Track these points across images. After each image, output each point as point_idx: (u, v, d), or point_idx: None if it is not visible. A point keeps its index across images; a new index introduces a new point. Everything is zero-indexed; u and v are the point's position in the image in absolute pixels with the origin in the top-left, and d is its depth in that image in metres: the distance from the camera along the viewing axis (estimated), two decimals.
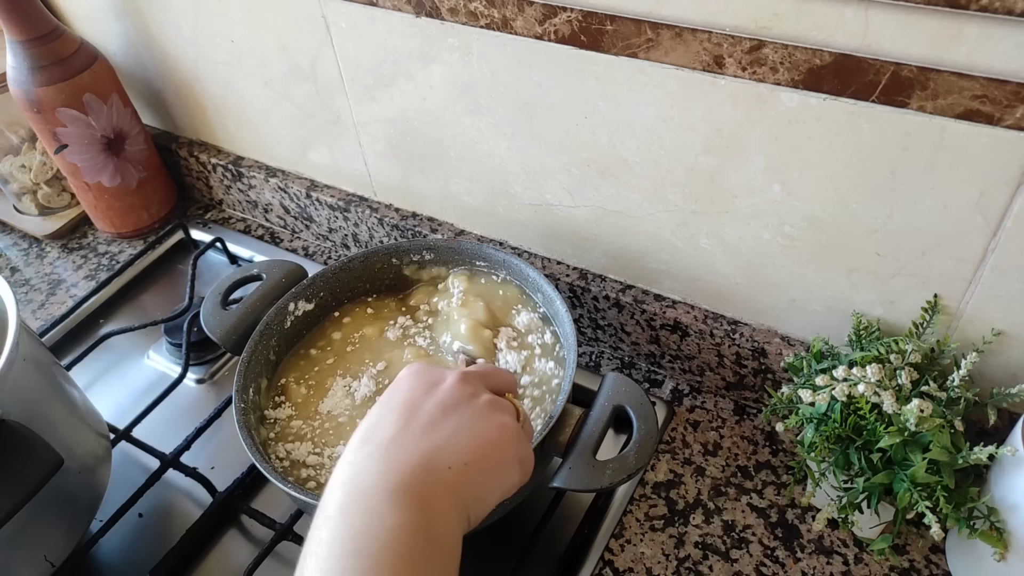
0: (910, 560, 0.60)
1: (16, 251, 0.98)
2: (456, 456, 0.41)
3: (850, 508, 0.56)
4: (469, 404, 0.45)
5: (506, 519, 0.59)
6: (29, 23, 0.80)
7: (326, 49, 0.73)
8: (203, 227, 0.98)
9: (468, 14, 0.61)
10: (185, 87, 0.90)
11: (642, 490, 0.66)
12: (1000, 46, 0.44)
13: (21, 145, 0.96)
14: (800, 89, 0.51)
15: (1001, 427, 0.57)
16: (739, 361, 0.69)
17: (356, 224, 0.87)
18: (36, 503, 0.52)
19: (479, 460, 0.42)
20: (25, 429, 0.53)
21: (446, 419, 0.43)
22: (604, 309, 0.74)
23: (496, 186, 0.74)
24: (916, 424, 0.51)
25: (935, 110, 0.48)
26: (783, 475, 0.67)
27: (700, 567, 0.61)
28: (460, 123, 0.70)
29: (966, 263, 0.54)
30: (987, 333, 0.56)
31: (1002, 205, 0.50)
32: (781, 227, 0.60)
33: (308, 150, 0.86)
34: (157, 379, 0.81)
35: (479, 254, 0.71)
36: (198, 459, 0.70)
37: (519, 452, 0.45)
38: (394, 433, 0.42)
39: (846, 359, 0.58)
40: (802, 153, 0.55)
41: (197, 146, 0.97)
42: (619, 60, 0.57)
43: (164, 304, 0.90)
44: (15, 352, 0.54)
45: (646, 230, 0.67)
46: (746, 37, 0.51)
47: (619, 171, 0.64)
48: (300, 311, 0.69)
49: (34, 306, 0.90)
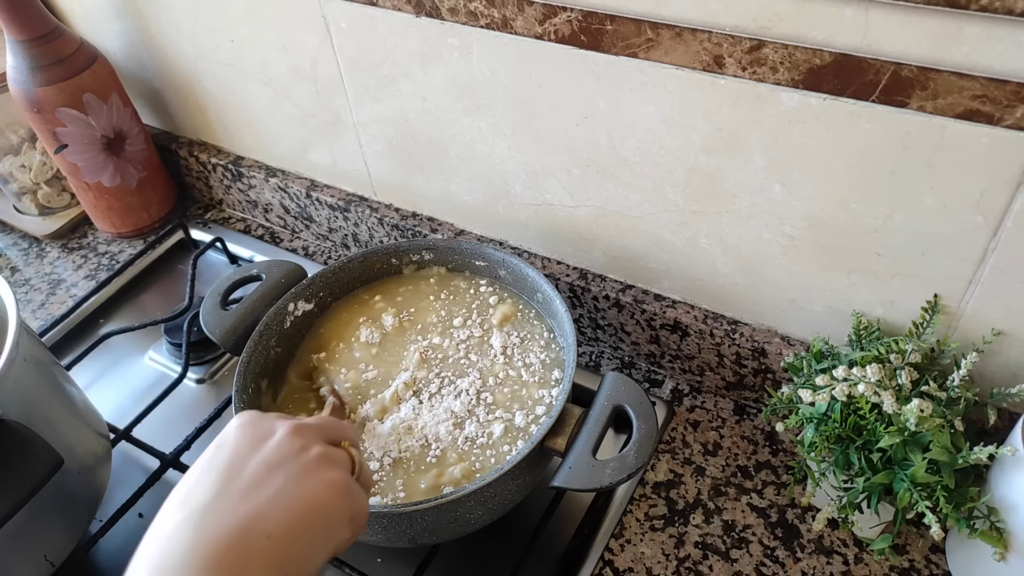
0: (910, 560, 0.60)
1: (16, 251, 0.98)
2: (277, 522, 0.38)
3: (850, 508, 0.56)
4: (297, 460, 0.41)
5: (506, 519, 0.59)
6: (29, 23, 0.80)
7: (326, 49, 0.73)
8: (203, 227, 0.98)
9: (468, 14, 0.61)
10: (185, 87, 0.90)
11: (642, 490, 0.66)
12: (1000, 46, 0.44)
13: (21, 145, 0.96)
14: (800, 89, 0.51)
15: (1001, 427, 0.57)
16: (739, 361, 0.69)
17: (356, 224, 0.87)
18: (36, 503, 0.52)
19: (303, 525, 0.39)
20: (25, 429, 0.53)
21: (270, 478, 0.39)
22: (604, 309, 0.74)
23: (496, 186, 0.74)
24: (916, 424, 0.51)
25: (935, 110, 0.48)
26: (783, 475, 0.67)
27: (700, 567, 0.61)
28: (460, 123, 0.70)
29: (966, 263, 0.54)
30: (987, 333, 0.56)
31: (1002, 205, 0.50)
32: (781, 227, 0.60)
33: (308, 150, 0.86)
34: (157, 379, 0.81)
35: (479, 254, 0.71)
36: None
37: (351, 509, 0.42)
38: (211, 498, 0.38)
39: (846, 359, 0.58)
40: (802, 153, 0.55)
41: (197, 146, 0.97)
42: (619, 60, 0.57)
43: (164, 304, 0.90)
44: (15, 352, 0.55)
45: (646, 230, 0.67)
46: (746, 37, 0.51)
47: (619, 171, 0.64)
48: (300, 311, 0.69)
49: (34, 306, 0.90)
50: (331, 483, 0.41)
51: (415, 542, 0.58)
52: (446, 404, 0.62)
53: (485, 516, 0.57)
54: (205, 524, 0.37)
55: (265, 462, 0.40)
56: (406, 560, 0.64)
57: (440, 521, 0.55)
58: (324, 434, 0.44)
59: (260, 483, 0.39)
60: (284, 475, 0.40)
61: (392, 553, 0.65)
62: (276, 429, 0.42)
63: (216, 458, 0.41)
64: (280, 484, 0.39)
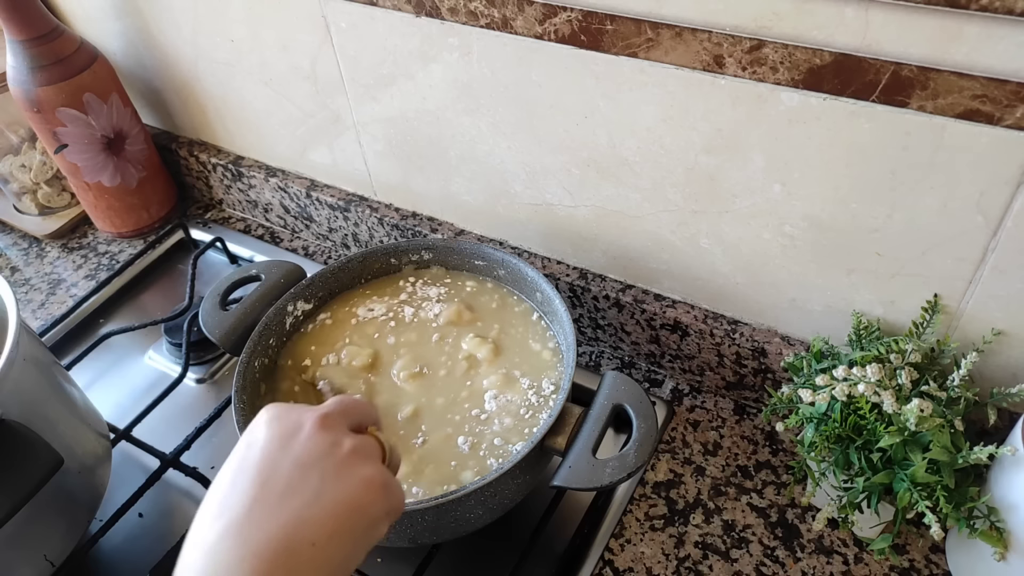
0: (910, 560, 0.60)
1: (16, 251, 0.98)
2: (319, 529, 0.38)
3: (850, 508, 0.56)
4: (330, 457, 0.40)
5: (506, 519, 0.59)
6: (29, 23, 0.80)
7: (326, 49, 0.73)
8: (203, 227, 0.98)
9: (468, 14, 0.61)
10: (185, 87, 0.90)
11: (642, 490, 0.66)
12: (1000, 46, 0.44)
13: (21, 145, 0.96)
14: (800, 89, 0.51)
15: (1001, 427, 0.57)
16: (739, 361, 0.69)
17: (356, 224, 0.87)
18: (36, 503, 0.52)
19: (345, 529, 0.39)
20: (25, 429, 0.53)
21: (305, 480, 0.39)
22: (604, 309, 0.74)
23: (496, 186, 0.74)
24: (916, 424, 0.51)
25: (935, 110, 0.48)
26: (783, 475, 0.67)
27: (700, 567, 0.61)
28: (460, 123, 0.70)
29: (966, 263, 0.54)
30: (987, 333, 0.56)
31: (1002, 204, 0.50)
32: (781, 227, 0.60)
33: (308, 150, 0.86)
34: (157, 379, 0.81)
35: (478, 254, 0.71)
36: (198, 459, 0.70)
37: (388, 504, 0.41)
38: (249, 504, 0.38)
39: (846, 359, 0.58)
40: (802, 153, 0.55)
41: (197, 146, 0.97)
42: (619, 60, 0.57)
43: (164, 304, 0.90)
44: (15, 352, 0.55)
45: (646, 230, 0.67)
46: (746, 37, 0.51)
47: (619, 171, 0.64)
48: (299, 311, 0.69)
49: (34, 306, 0.90)
50: (368, 482, 0.41)
51: (415, 542, 0.58)
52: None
53: (485, 516, 0.57)
54: (247, 536, 0.37)
55: (298, 462, 0.40)
56: (406, 560, 0.64)
57: (440, 521, 0.55)
58: (349, 420, 0.44)
59: (295, 486, 0.39)
60: (319, 476, 0.39)
61: (392, 553, 0.65)
62: (304, 423, 0.42)
63: (247, 459, 0.40)
64: (316, 486, 0.39)
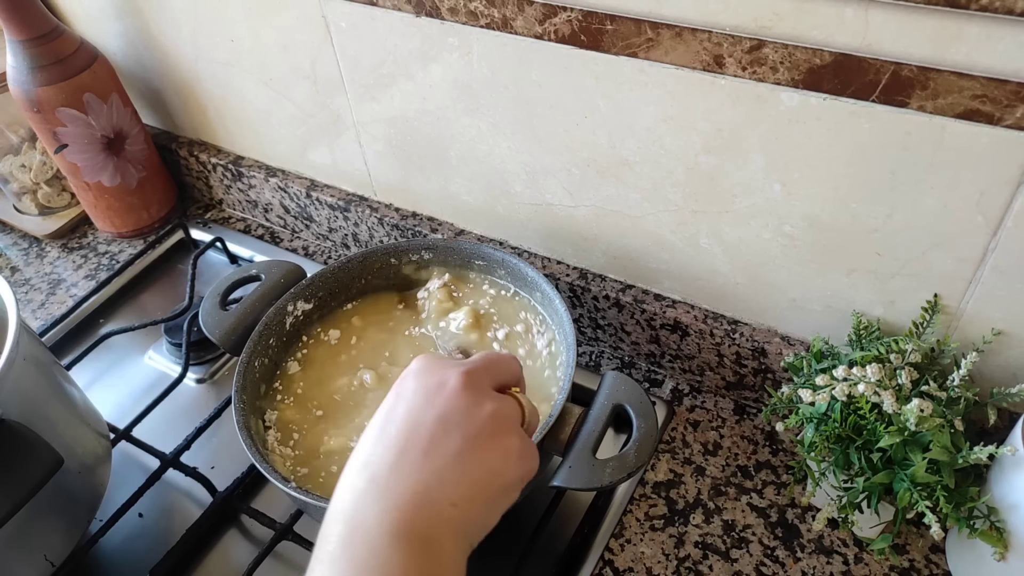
0: (910, 560, 0.60)
1: (16, 251, 0.98)
2: (460, 491, 0.40)
3: (850, 508, 0.56)
4: (471, 419, 0.42)
5: (506, 519, 0.59)
6: (29, 23, 0.80)
7: (326, 49, 0.73)
8: (203, 227, 0.98)
9: (468, 14, 0.61)
10: (185, 87, 0.90)
11: (642, 490, 0.66)
12: (1000, 46, 0.44)
13: (21, 145, 0.96)
14: (800, 89, 0.51)
15: (1001, 427, 0.57)
16: (739, 361, 0.69)
17: (356, 224, 0.87)
18: (36, 503, 0.52)
19: (483, 493, 0.41)
20: (25, 429, 0.53)
21: (447, 438, 0.41)
22: (604, 309, 0.74)
23: (496, 186, 0.74)
24: (916, 424, 0.51)
25: (935, 110, 0.48)
26: (783, 475, 0.67)
27: (700, 567, 0.61)
28: (460, 123, 0.70)
29: (966, 263, 0.54)
30: (987, 333, 0.56)
31: (1002, 204, 0.50)
32: (781, 227, 0.60)
33: (308, 150, 0.86)
34: (157, 379, 0.81)
35: (478, 253, 0.71)
36: (198, 459, 0.70)
37: (523, 472, 0.43)
38: (394, 459, 0.40)
39: (846, 359, 0.58)
40: (802, 153, 0.55)
41: (197, 146, 0.97)
42: (619, 60, 0.57)
43: (164, 304, 0.90)
44: (15, 352, 0.55)
45: (646, 230, 0.67)
46: (746, 37, 0.51)
47: (619, 171, 0.64)
48: (299, 311, 0.69)
49: (34, 306, 0.90)
50: (507, 451, 0.42)
51: None
52: None
53: None
54: (392, 486, 0.39)
55: (440, 419, 0.41)
56: None
57: None
58: (494, 379, 0.45)
59: (438, 443, 0.41)
60: (461, 437, 0.41)
61: None
62: (449, 379, 0.43)
63: (395, 410, 0.43)
64: (458, 446, 0.41)
